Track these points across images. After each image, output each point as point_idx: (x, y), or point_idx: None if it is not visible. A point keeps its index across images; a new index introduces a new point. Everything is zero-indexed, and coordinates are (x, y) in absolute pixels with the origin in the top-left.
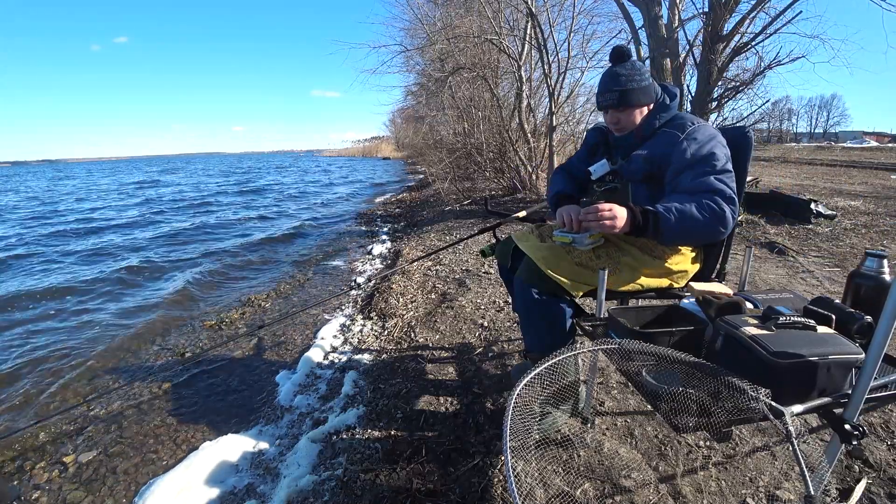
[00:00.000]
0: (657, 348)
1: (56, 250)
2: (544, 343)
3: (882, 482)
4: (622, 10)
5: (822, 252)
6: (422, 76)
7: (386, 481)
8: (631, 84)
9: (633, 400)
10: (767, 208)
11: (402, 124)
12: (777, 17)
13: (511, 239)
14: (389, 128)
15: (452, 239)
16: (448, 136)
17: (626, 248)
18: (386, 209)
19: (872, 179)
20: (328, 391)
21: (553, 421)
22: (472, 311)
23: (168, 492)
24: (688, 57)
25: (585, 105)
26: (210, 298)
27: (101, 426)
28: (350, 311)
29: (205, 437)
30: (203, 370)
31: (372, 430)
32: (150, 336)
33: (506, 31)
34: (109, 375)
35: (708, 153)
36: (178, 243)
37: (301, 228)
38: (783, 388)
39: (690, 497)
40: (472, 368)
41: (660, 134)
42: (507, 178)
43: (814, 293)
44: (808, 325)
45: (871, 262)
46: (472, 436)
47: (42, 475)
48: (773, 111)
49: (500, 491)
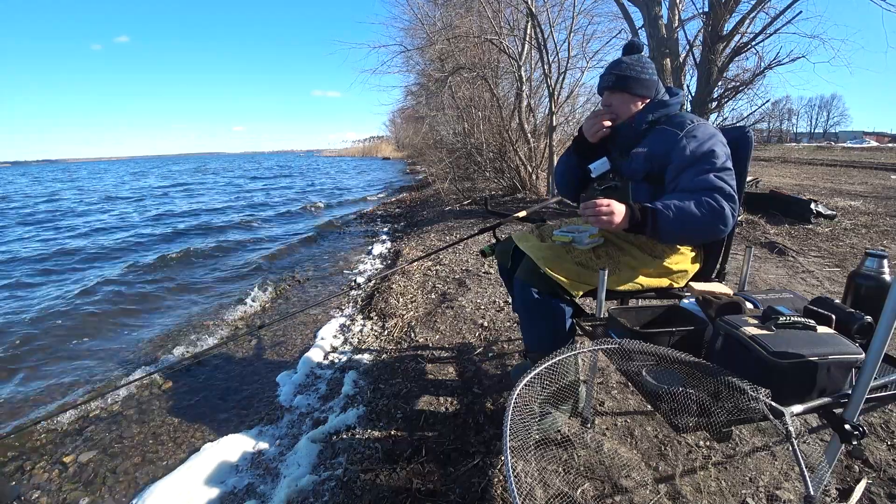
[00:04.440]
0: (657, 348)
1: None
2: (544, 343)
3: (882, 482)
4: (622, 10)
5: (822, 252)
6: (422, 76)
7: (386, 481)
8: (630, 72)
9: (633, 400)
10: (767, 208)
11: (402, 124)
12: (777, 17)
13: (511, 239)
14: (389, 128)
15: (452, 239)
16: (448, 136)
17: (626, 247)
18: (386, 209)
19: (872, 179)
20: (328, 391)
21: (553, 421)
22: (472, 311)
23: (168, 492)
24: (688, 57)
25: (585, 105)
26: (209, 298)
27: (101, 426)
28: (350, 311)
29: (205, 438)
30: (203, 370)
31: (372, 430)
32: (151, 336)
33: (506, 31)
34: (109, 375)
35: (708, 151)
36: (172, 241)
37: (301, 228)
38: (783, 388)
39: (690, 497)
40: (472, 368)
41: (659, 131)
42: (507, 178)
43: (814, 293)
44: (808, 325)
45: (871, 262)
46: (472, 436)
47: (42, 475)
48: (773, 111)
49: (500, 491)
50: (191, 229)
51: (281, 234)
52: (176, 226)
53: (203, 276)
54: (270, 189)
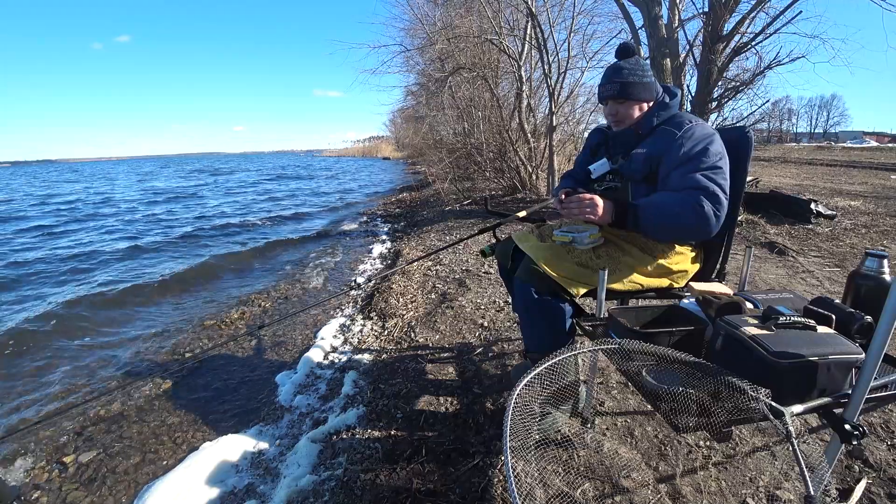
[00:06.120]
0: (657, 348)
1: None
2: (544, 343)
3: (882, 482)
4: (622, 10)
5: (822, 252)
6: (422, 76)
7: (386, 481)
8: (632, 77)
9: (633, 400)
10: (767, 208)
11: (403, 124)
12: (777, 17)
13: (511, 239)
14: (389, 128)
15: (452, 239)
16: (448, 136)
17: (626, 247)
18: (386, 209)
19: (872, 179)
20: (328, 391)
21: (553, 421)
22: (472, 311)
23: (168, 492)
24: (688, 57)
25: (585, 105)
26: (208, 298)
27: (101, 426)
28: (350, 311)
29: (205, 437)
30: (203, 370)
31: (372, 430)
32: (151, 336)
33: (506, 31)
34: (109, 375)
35: (700, 150)
36: (177, 243)
37: (301, 228)
38: (783, 388)
39: (690, 497)
40: (472, 368)
41: (658, 132)
42: (507, 178)
43: (814, 293)
44: (808, 325)
45: (871, 262)
46: (472, 436)
47: (42, 475)
48: (773, 111)
49: (500, 491)
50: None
51: (281, 234)
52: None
53: (203, 276)
54: (275, 192)
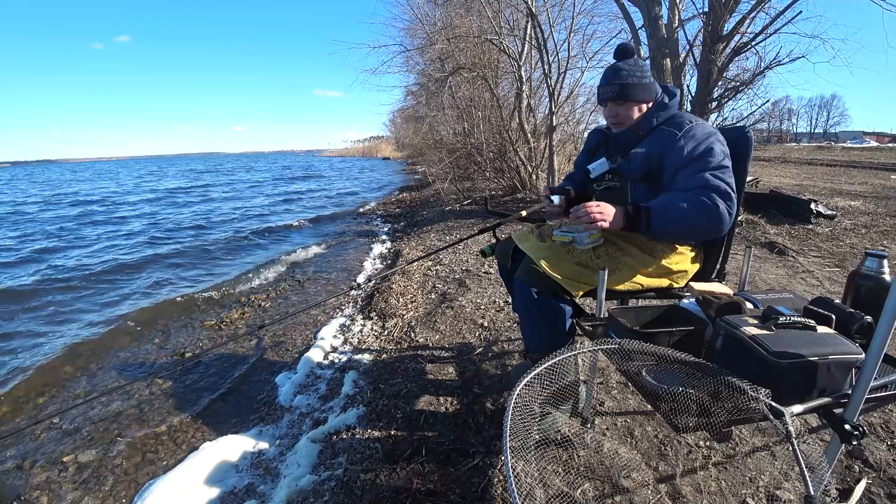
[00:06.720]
0: (657, 348)
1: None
2: (544, 343)
3: (882, 482)
4: (622, 10)
5: (822, 252)
6: (422, 76)
7: (386, 481)
8: (631, 79)
9: (633, 400)
10: (767, 208)
11: (403, 124)
12: (777, 17)
13: (511, 239)
14: (389, 128)
15: (452, 239)
16: (448, 136)
17: (626, 247)
18: (386, 209)
19: (872, 179)
20: (328, 391)
21: (553, 421)
22: (472, 311)
23: (168, 492)
24: (688, 57)
25: (585, 105)
26: (207, 298)
27: (101, 426)
28: (350, 312)
29: (205, 437)
30: (203, 370)
31: (372, 430)
32: (151, 336)
33: (506, 31)
34: (109, 375)
35: (704, 150)
36: (169, 241)
37: (300, 228)
38: (783, 388)
39: (690, 497)
40: (472, 368)
41: (658, 132)
42: (507, 178)
43: (814, 293)
44: (808, 325)
45: (871, 262)
46: (472, 436)
47: (42, 475)
48: (773, 111)
49: (500, 491)
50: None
51: (280, 233)
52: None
53: (204, 276)
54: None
